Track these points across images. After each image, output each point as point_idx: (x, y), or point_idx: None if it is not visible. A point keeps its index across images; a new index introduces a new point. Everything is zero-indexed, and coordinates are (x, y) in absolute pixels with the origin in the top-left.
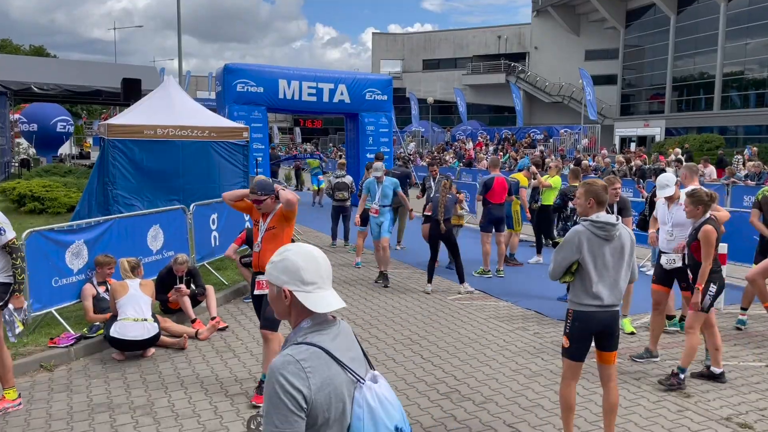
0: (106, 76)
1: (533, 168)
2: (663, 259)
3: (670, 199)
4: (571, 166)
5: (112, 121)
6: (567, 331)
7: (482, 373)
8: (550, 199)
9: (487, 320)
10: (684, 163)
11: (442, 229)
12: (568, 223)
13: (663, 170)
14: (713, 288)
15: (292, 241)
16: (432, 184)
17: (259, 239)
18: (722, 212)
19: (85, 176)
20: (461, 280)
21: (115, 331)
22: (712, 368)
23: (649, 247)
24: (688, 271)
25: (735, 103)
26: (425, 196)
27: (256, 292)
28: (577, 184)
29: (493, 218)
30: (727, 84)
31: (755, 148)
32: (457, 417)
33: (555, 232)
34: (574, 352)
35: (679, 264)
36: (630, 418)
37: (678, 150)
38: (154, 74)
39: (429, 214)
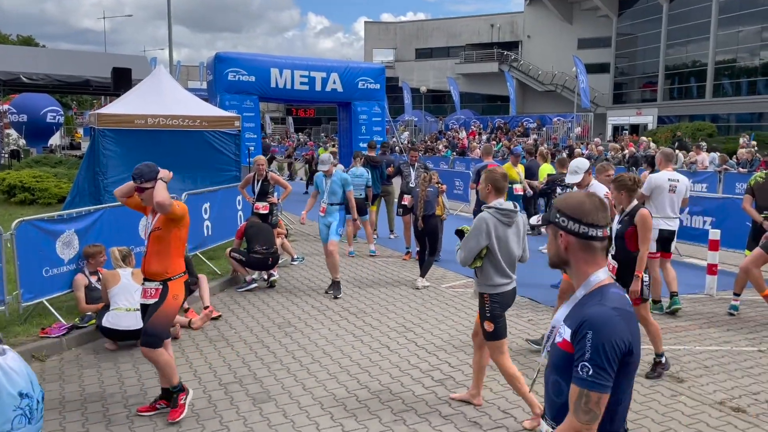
0: (95, 66)
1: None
2: None
3: (579, 186)
4: (563, 154)
5: (102, 110)
6: (488, 315)
7: None
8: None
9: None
10: (661, 149)
11: (420, 225)
12: None
13: (653, 157)
14: (647, 277)
15: (287, 233)
16: (411, 171)
17: (145, 241)
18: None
19: (76, 167)
20: (422, 274)
21: (107, 321)
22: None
23: None
24: (613, 261)
25: (727, 91)
26: (402, 184)
27: (141, 300)
28: (565, 172)
29: None
30: (719, 72)
31: (747, 137)
32: (451, 403)
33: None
34: (500, 332)
35: None
36: None
37: (644, 139)
38: (145, 64)
39: (406, 203)
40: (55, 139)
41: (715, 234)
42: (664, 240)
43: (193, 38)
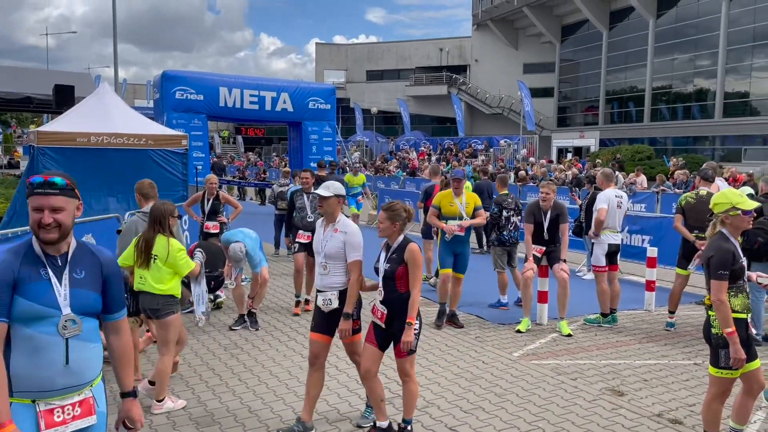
0: (37, 83)
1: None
2: (319, 299)
3: (329, 218)
4: (511, 175)
5: (43, 128)
6: None
7: (424, 378)
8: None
9: (430, 325)
10: (601, 170)
11: None
12: (504, 233)
13: (593, 177)
14: (417, 325)
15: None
16: (306, 202)
17: None
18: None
19: (14, 186)
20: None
21: None
22: (378, 423)
23: (584, 251)
24: (381, 306)
25: (664, 115)
26: (293, 218)
27: None
28: (506, 192)
29: None
30: (656, 97)
31: (674, 160)
32: (399, 421)
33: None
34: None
35: (336, 305)
36: (567, 417)
37: (574, 170)
38: (89, 81)
39: (303, 240)
40: None
41: (652, 252)
42: (612, 254)
43: (142, 57)
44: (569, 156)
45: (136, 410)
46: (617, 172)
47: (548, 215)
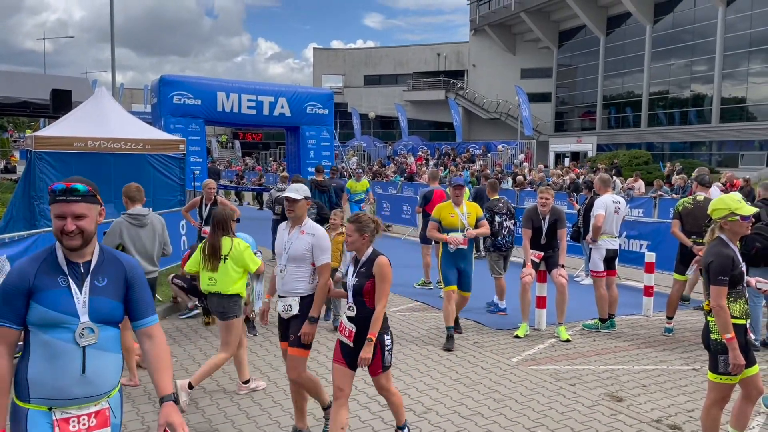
0: (34, 87)
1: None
2: (279, 306)
3: (295, 221)
4: (509, 180)
5: (40, 132)
6: None
7: (423, 384)
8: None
9: (428, 331)
10: (599, 175)
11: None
12: (498, 238)
13: (591, 182)
14: (388, 340)
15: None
16: None
17: None
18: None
19: (10, 191)
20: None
21: None
22: None
23: (582, 257)
24: (349, 324)
25: (661, 120)
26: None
27: None
28: (497, 197)
29: None
30: (654, 102)
31: (669, 165)
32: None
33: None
34: None
35: (296, 311)
36: (566, 423)
37: (572, 175)
38: (86, 85)
39: None
40: None
41: (650, 257)
42: (609, 259)
43: (139, 61)
44: (566, 161)
45: (176, 416)
46: (615, 177)
47: (546, 220)
